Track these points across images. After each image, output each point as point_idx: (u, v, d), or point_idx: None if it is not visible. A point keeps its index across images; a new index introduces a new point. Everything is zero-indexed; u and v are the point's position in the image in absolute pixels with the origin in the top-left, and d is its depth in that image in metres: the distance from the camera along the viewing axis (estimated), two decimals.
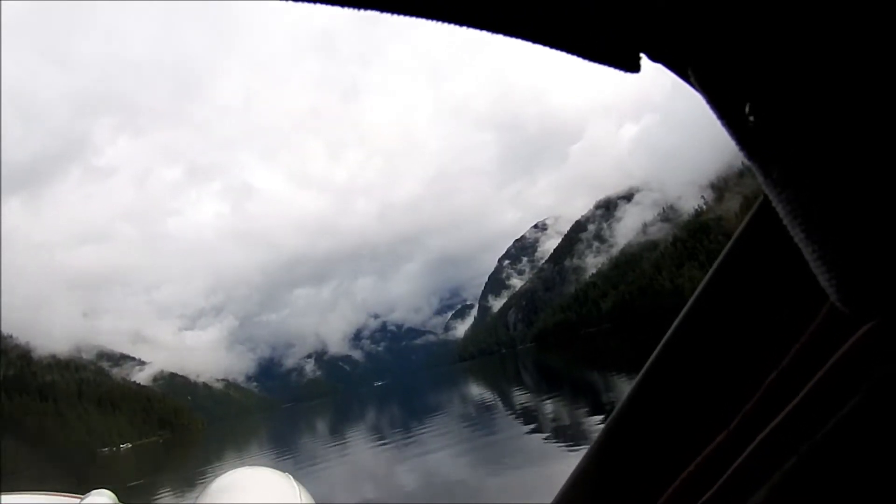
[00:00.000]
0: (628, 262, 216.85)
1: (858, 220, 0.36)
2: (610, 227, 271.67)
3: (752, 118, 0.37)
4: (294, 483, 1.65)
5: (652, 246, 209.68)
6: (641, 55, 0.41)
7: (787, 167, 0.38)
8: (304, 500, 1.56)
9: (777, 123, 0.37)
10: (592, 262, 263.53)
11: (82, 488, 1.78)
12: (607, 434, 0.65)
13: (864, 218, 0.36)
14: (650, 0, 0.38)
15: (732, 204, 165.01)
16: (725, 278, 0.56)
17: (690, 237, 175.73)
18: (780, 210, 0.40)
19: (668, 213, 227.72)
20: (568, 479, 0.68)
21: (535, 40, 0.42)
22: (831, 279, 0.39)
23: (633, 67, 0.42)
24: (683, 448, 0.58)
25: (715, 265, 0.57)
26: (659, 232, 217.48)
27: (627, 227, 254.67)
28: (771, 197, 0.40)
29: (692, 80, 0.40)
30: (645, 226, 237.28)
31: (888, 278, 0.37)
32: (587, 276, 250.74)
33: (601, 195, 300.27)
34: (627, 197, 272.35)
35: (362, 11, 0.38)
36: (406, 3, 0.39)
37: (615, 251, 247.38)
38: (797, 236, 0.40)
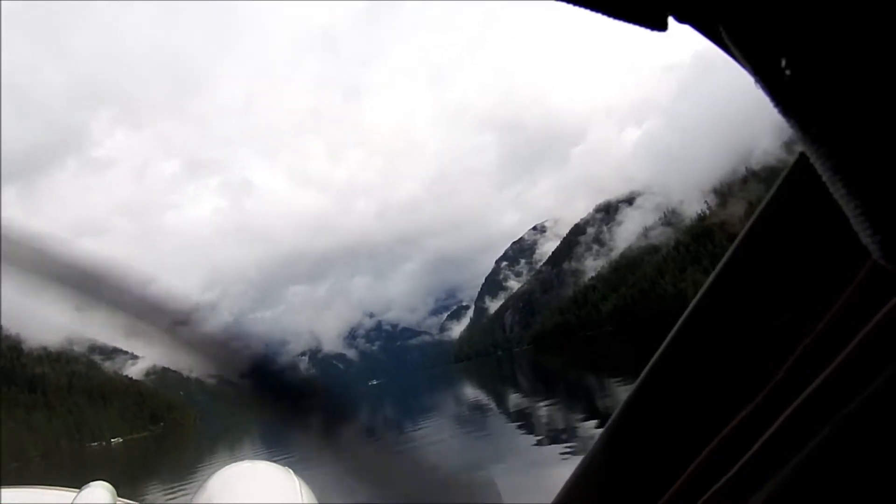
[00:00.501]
0: (628, 265, 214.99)
1: None
2: (610, 230, 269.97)
3: (788, 72, 0.36)
4: (294, 477, 1.65)
5: (653, 250, 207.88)
6: (669, 16, 0.40)
7: (825, 121, 0.36)
8: (304, 495, 1.58)
9: (815, 77, 0.35)
10: (592, 266, 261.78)
11: (69, 484, 1.74)
12: (624, 413, 0.63)
13: None
14: None
15: (737, 209, 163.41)
16: (760, 238, 0.54)
17: (694, 241, 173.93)
18: (819, 166, 0.38)
19: (669, 218, 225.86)
20: (572, 475, 0.66)
21: None
22: (875, 235, 0.37)
23: (661, 26, 0.40)
24: (716, 412, 0.56)
25: (749, 223, 0.55)
26: (661, 236, 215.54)
27: (628, 231, 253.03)
28: (809, 153, 0.38)
29: (724, 37, 0.39)
30: (646, 230, 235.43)
31: None
32: (586, 279, 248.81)
33: (601, 198, 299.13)
34: (628, 200, 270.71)
35: None
36: None
37: (615, 254, 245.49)
38: (837, 192, 0.38)
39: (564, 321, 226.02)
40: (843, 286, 0.48)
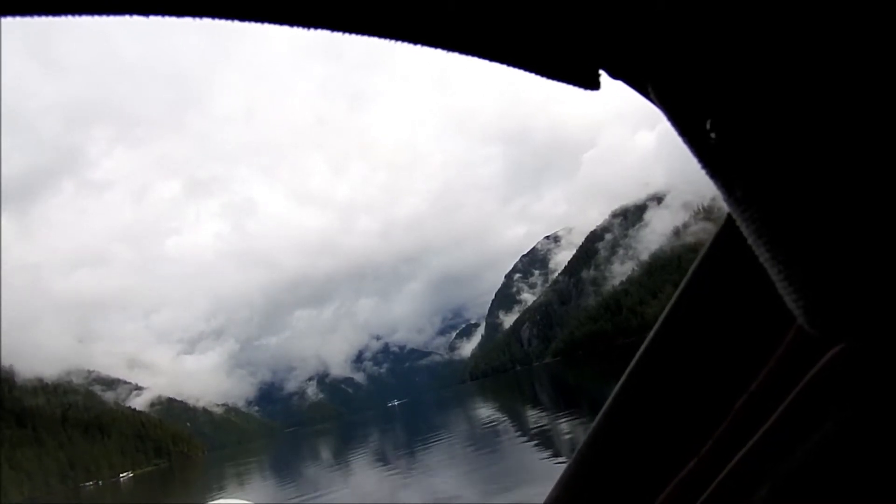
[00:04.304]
0: (664, 266, 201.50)
1: (825, 240, 0.35)
2: (636, 232, 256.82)
3: (713, 135, 0.36)
4: None
5: (692, 248, 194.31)
6: (601, 72, 0.41)
7: (750, 185, 0.36)
8: None
9: (739, 140, 0.36)
10: (620, 270, 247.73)
11: None
12: (575, 466, 0.62)
13: (830, 237, 0.35)
14: (609, 17, 0.38)
15: None
16: (691, 301, 0.55)
17: None
18: (745, 229, 0.39)
19: (707, 213, 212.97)
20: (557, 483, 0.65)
21: (492, 58, 0.41)
22: (798, 300, 0.38)
23: (593, 85, 0.41)
24: (654, 477, 0.56)
25: (680, 287, 0.56)
26: (701, 232, 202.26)
27: (656, 232, 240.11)
28: (735, 216, 0.39)
29: (652, 96, 0.40)
30: (678, 228, 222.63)
31: (856, 300, 0.36)
32: (613, 285, 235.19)
33: (617, 204, 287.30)
34: (657, 199, 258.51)
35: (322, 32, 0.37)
36: (362, 23, 0.38)
37: (645, 257, 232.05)
38: (762, 256, 0.39)
39: (599, 329, 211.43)
40: (774, 346, 0.49)
